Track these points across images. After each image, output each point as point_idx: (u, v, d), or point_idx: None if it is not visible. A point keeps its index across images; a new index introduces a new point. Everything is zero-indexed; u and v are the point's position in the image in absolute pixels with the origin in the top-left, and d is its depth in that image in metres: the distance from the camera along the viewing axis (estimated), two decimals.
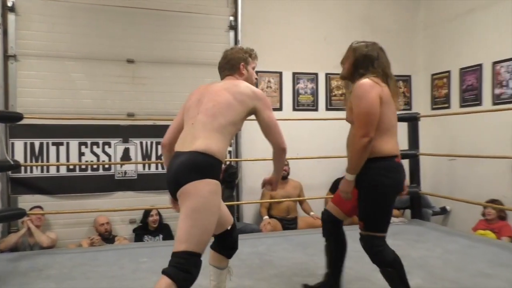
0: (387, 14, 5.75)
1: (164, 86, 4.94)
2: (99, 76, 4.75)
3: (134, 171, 4.85)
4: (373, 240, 2.21)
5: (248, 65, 2.28)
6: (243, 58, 2.26)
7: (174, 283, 1.78)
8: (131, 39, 4.84)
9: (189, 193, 1.88)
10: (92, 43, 4.71)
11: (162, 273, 1.81)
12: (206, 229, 1.89)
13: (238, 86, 2.10)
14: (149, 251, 3.81)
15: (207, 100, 2.06)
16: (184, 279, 1.81)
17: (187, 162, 1.92)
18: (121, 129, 4.82)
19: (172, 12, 4.94)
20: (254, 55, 2.32)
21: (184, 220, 1.87)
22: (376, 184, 2.18)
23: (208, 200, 1.89)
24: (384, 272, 2.24)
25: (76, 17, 4.65)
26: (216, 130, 1.98)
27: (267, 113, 2.10)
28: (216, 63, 2.35)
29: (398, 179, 2.24)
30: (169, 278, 1.78)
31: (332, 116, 5.22)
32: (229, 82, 2.16)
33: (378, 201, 2.20)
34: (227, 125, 2.00)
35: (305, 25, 5.41)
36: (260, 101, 2.09)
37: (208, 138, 1.96)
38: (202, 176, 1.89)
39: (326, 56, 5.50)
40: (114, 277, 3.07)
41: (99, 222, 4.44)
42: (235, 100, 2.04)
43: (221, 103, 2.02)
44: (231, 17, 5.15)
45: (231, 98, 2.04)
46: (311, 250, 3.64)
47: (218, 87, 2.12)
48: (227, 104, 2.02)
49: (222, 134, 1.98)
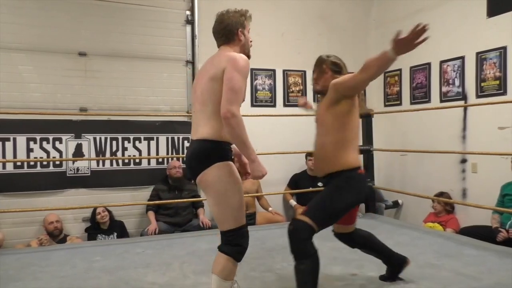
0: (342, 12, 5.86)
1: (119, 80, 4.81)
2: (49, 69, 4.54)
3: (87, 167, 4.69)
4: (305, 227, 2.19)
5: (244, 29, 2.18)
6: (240, 23, 2.15)
7: (230, 257, 2.02)
8: (84, 31, 4.67)
9: (205, 182, 2.04)
10: (41, 34, 4.50)
11: (218, 250, 2.05)
12: (236, 206, 2.04)
13: (219, 62, 2.02)
14: (102, 249, 3.72)
15: (197, 86, 2.13)
16: (237, 252, 2.04)
17: (194, 152, 2.07)
18: (73, 124, 4.64)
19: (126, 5, 4.80)
20: (249, 16, 2.23)
21: (214, 207, 2.07)
22: (342, 187, 2.29)
23: (224, 182, 2.01)
24: (299, 266, 2.20)
25: (23, 7, 4.42)
26: (210, 116, 2.02)
27: (231, 74, 1.94)
28: (173, 58, 2.32)
29: (363, 192, 2.47)
30: (224, 254, 2.02)
31: (289, 112, 5.31)
32: (215, 59, 2.10)
33: (336, 197, 2.28)
34: (217, 109, 1.97)
35: (263, 21, 5.42)
36: (230, 62, 1.98)
37: (206, 125, 2.03)
38: (210, 162, 2.01)
39: (283, 53, 5.56)
40: (65, 277, 2.98)
41: (48, 220, 4.25)
42: (214, 81, 2.01)
43: (204, 89, 2.05)
44: (188, 12, 5.07)
45: (210, 80, 2.02)
46: (270, 244, 3.67)
47: (203, 69, 2.15)
48: (209, 89, 2.02)
49: (216, 118, 1.99)
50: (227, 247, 2.03)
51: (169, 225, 4.56)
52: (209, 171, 2.01)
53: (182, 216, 4.65)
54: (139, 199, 4.81)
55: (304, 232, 2.19)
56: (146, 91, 4.91)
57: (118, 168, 4.83)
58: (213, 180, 2.01)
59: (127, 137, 4.85)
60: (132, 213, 4.83)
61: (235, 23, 2.14)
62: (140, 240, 4.13)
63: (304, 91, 5.70)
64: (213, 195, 2.05)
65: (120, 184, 4.81)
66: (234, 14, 2.17)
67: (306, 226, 2.19)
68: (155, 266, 3.18)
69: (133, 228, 4.80)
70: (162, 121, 4.96)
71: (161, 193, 4.67)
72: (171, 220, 4.59)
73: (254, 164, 1.99)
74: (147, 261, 3.31)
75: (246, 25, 2.19)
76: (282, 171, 5.32)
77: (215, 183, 2.01)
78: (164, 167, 4.89)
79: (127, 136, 4.85)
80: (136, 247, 3.74)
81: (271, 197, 5.20)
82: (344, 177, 2.31)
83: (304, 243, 2.19)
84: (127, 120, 4.80)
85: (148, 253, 3.57)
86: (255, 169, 2.00)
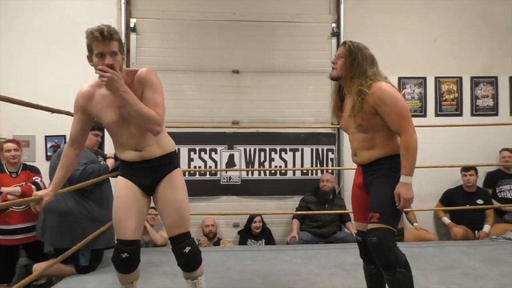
0: (506, 10, 5.22)
1: (267, 94, 5.08)
2: (207, 86, 5.05)
3: (238, 176, 5.03)
4: (387, 234, 2.05)
5: (92, 55, 2.03)
6: (87, 48, 2.04)
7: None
8: (237, 50, 5.06)
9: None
10: (201, 56, 5.03)
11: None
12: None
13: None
14: (253, 254, 3.91)
15: None
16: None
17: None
18: (226, 136, 5.05)
19: (275, 23, 5.06)
20: (94, 37, 1.97)
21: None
22: (396, 176, 2.12)
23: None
24: (395, 276, 2.02)
25: (187, 33, 5.00)
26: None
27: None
28: (319, 70, 2.36)
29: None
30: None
31: (442, 122, 4.95)
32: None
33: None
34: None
35: (412, 26, 5.16)
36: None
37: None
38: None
39: (436, 58, 5.20)
40: (222, 277, 3.21)
41: (206, 223, 4.69)
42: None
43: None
44: (333, 24, 5.11)
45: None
46: (422, 264, 3.44)
47: None
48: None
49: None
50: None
51: (313, 235, 4.60)
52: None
53: (328, 228, 4.65)
54: (284, 208, 4.97)
55: (390, 240, 2.06)
56: (292, 104, 5.08)
57: (266, 178, 5.08)
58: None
59: (274, 148, 5.07)
60: (278, 221, 5.00)
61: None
62: (286, 248, 4.24)
63: (459, 99, 5.24)
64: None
65: (267, 193, 5.04)
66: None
67: (388, 232, 2.07)
68: (303, 275, 3.23)
69: (278, 236, 4.97)
70: (306, 133, 5.07)
71: (310, 204, 4.74)
72: (316, 231, 4.62)
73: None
74: (296, 270, 3.38)
75: (92, 48, 2.02)
76: (433, 186, 4.93)
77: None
78: (308, 178, 4.98)
79: (274, 147, 5.07)
80: (283, 255, 3.84)
81: (421, 213, 4.86)
82: (388, 163, 2.20)
83: (394, 251, 2.07)
84: (274, 132, 5.04)
85: (296, 262, 3.63)
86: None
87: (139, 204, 2.24)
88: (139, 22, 4.96)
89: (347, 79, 2.23)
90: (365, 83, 2.14)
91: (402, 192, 2.07)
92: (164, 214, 2.25)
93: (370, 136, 2.20)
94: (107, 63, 1.96)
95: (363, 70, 2.17)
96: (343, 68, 2.22)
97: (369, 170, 2.25)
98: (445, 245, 4.17)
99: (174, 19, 4.97)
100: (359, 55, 2.19)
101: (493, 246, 3.97)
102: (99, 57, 1.99)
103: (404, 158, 2.10)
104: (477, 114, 5.21)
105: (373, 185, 2.20)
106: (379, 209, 2.11)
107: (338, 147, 5.14)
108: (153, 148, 2.20)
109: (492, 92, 5.24)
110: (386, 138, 2.19)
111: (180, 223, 2.24)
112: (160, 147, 2.23)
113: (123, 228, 2.18)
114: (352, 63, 2.19)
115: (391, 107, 2.10)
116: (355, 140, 2.27)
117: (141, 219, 2.26)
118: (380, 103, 2.11)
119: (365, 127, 2.18)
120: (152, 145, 2.19)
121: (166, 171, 2.26)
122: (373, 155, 2.21)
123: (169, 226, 2.24)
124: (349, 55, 2.20)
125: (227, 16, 5.02)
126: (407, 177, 2.09)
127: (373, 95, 2.11)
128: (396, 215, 2.14)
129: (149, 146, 2.19)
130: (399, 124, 2.10)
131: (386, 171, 2.17)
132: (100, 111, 2.13)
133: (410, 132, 2.10)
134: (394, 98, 2.11)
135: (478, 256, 3.58)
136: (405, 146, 2.10)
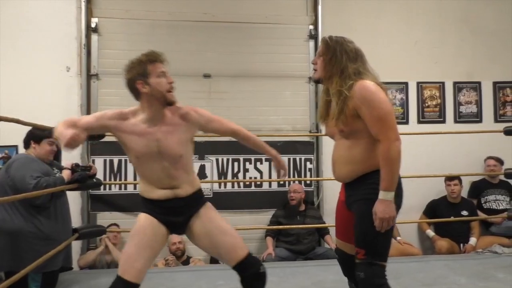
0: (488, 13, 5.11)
1: (241, 100, 4.81)
2: (176, 91, 4.68)
3: (209, 189, 4.71)
4: (376, 270, 1.83)
5: (148, 78, 2.05)
6: (138, 74, 2.06)
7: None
8: (208, 53, 4.79)
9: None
10: (169, 59, 4.62)
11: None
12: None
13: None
14: (225, 273, 3.58)
15: None
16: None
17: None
18: (197, 146, 4.65)
19: (249, 24, 4.83)
20: (152, 59, 2.07)
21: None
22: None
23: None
24: None
25: (153, 34, 4.68)
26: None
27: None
28: (296, 75, 2.09)
29: (402, 194, 1.94)
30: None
31: (425, 129, 4.76)
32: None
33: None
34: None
35: (393, 30, 5.00)
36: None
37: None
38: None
39: (417, 63, 5.04)
40: None
41: (172, 240, 4.32)
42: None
43: None
44: (311, 26, 4.90)
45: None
46: (406, 280, 3.27)
47: None
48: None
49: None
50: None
51: (290, 252, 4.32)
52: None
53: (304, 244, 4.36)
54: (260, 222, 4.68)
55: (378, 276, 1.84)
56: (268, 111, 4.84)
57: (240, 190, 4.80)
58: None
59: (248, 158, 4.79)
60: (252, 237, 4.70)
61: (131, 80, 2.11)
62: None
63: (442, 105, 5.05)
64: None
65: (241, 206, 4.76)
66: (131, 69, 2.10)
67: (376, 269, 1.83)
68: None
69: (254, 253, 4.63)
70: (283, 141, 4.78)
71: (280, 219, 4.48)
72: (293, 248, 4.34)
73: None
74: None
75: (149, 72, 2.08)
76: (416, 197, 4.70)
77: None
78: (285, 190, 4.70)
79: (249, 157, 4.78)
80: None
81: (404, 226, 4.61)
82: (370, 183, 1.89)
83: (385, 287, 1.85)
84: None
85: (273, 281, 3.32)
86: None
87: (156, 246, 2.12)
88: (101, 22, 4.63)
89: (326, 80, 1.95)
90: (345, 83, 1.84)
91: (379, 211, 1.78)
92: (219, 244, 2.15)
93: (351, 143, 1.91)
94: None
95: (342, 67, 1.88)
96: (322, 67, 1.95)
97: (350, 189, 1.97)
98: (430, 259, 4.04)
99: (140, 19, 4.67)
100: (337, 51, 1.89)
101: (479, 260, 3.86)
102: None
103: (383, 170, 1.79)
104: (461, 121, 5.08)
105: (354, 208, 1.92)
106: (364, 244, 1.85)
107: (317, 157, 4.90)
108: (186, 185, 2.16)
109: (475, 98, 5.11)
110: (368, 149, 1.87)
111: (241, 243, 2.18)
112: (191, 183, 2.19)
113: (130, 266, 2.02)
114: (330, 61, 1.90)
115: (370, 109, 1.80)
116: (337, 148, 1.99)
117: (150, 262, 2.14)
118: (360, 104, 1.81)
119: (346, 132, 1.89)
120: (185, 182, 2.15)
121: (198, 207, 2.20)
122: (353, 172, 1.92)
123: (230, 251, 2.14)
124: (327, 52, 1.92)
125: (197, 16, 4.74)
126: (385, 193, 1.78)
127: (354, 96, 1.82)
128: (384, 246, 1.85)
129: (183, 184, 2.14)
130: (379, 129, 1.79)
131: (367, 191, 1.86)
132: (131, 135, 2.09)
133: (391, 139, 1.78)
134: (376, 98, 1.81)
135: (464, 271, 3.49)
136: (384, 155, 1.78)
